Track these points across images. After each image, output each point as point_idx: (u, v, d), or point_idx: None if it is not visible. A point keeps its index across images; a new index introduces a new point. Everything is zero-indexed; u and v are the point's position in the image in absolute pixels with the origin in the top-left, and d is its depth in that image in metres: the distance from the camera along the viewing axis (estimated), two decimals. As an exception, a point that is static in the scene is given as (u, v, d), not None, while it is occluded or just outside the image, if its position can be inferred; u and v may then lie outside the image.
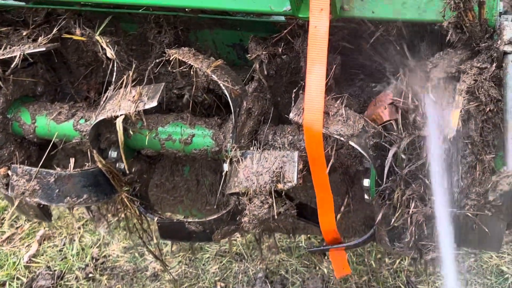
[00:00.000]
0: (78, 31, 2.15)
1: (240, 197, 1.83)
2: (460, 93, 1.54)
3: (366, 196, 1.89)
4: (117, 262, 3.69)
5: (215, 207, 2.86)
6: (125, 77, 2.10)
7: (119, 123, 1.91)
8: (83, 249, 3.82)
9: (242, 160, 1.83)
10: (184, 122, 2.12)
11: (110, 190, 2.14)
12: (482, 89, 1.54)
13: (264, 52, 1.98)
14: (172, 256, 3.54)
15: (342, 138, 1.69)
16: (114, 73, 2.10)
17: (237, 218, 1.99)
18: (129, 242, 3.79)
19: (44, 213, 2.22)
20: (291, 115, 1.75)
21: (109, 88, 2.10)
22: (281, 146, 1.96)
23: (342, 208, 2.05)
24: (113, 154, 2.10)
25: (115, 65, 2.10)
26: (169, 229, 2.08)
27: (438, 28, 1.72)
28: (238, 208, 1.96)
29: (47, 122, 2.23)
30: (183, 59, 1.92)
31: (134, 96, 1.91)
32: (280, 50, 2.01)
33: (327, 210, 1.88)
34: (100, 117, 1.94)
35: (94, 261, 3.73)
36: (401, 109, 1.71)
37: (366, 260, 2.14)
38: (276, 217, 1.78)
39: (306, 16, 1.75)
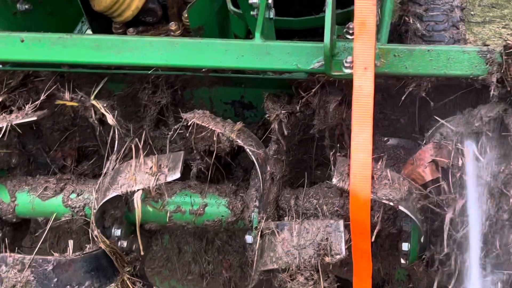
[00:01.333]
0: (67, 96, 1.93)
1: (278, 274, 1.68)
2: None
3: (402, 261, 1.81)
4: None
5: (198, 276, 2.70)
6: (126, 146, 1.90)
7: (137, 200, 1.71)
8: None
9: (278, 232, 1.69)
10: (193, 190, 1.95)
11: (112, 273, 1.91)
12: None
13: (283, 111, 1.88)
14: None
15: (391, 203, 1.61)
16: (116, 141, 1.89)
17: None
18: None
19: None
20: (335, 181, 1.66)
21: (111, 158, 1.89)
22: (305, 212, 1.85)
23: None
24: (116, 232, 1.88)
25: (116, 132, 1.90)
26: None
27: (469, 83, 1.73)
28: (260, 284, 1.82)
29: (30, 199, 1.96)
30: (203, 124, 1.76)
31: (151, 168, 1.73)
32: (298, 108, 1.92)
33: (365, 279, 1.77)
34: (112, 193, 1.72)
35: None
36: (445, 167, 1.67)
37: None
38: (323, 294, 1.65)
39: (339, 74, 1.69)
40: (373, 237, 1.66)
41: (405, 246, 1.76)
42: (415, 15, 2.99)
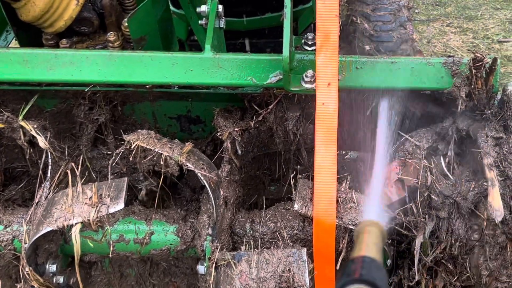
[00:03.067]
0: (-9, 116, 1.71)
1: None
2: (490, 168, 1.45)
3: (370, 285, 1.71)
4: None
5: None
6: (61, 170, 1.71)
7: (75, 235, 1.52)
8: None
9: (235, 264, 1.55)
10: (137, 217, 1.78)
11: (48, 313, 1.70)
12: (506, 163, 1.47)
13: (236, 129, 1.74)
14: None
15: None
16: (49, 167, 1.69)
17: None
18: None
19: None
20: (296, 207, 1.53)
21: (44, 185, 1.69)
22: (263, 237, 1.72)
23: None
24: (51, 268, 1.68)
25: (49, 156, 1.70)
26: None
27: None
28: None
29: (-51, 235, 1.72)
30: (148, 146, 1.59)
31: (91, 198, 1.54)
32: (252, 124, 1.78)
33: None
34: (47, 228, 1.53)
35: None
36: (412, 186, 1.58)
37: None
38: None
39: (298, 90, 1.57)
40: (338, 265, 1.55)
41: None
42: (363, 15, 2.92)
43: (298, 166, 1.98)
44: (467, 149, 1.63)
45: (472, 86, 1.53)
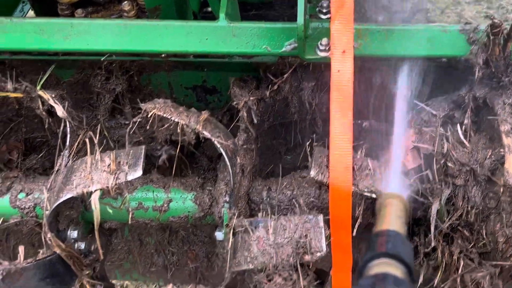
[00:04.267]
0: (9, 85, 1.70)
1: (253, 275, 1.54)
2: (507, 135, 1.42)
3: (384, 251, 1.70)
4: None
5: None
6: (80, 139, 1.70)
7: (95, 201, 1.52)
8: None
9: (252, 230, 1.54)
10: (155, 185, 1.77)
11: (70, 278, 1.72)
12: (524, 128, 1.44)
13: (252, 98, 1.71)
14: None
15: (373, 195, 1.49)
16: (68, 135, 1.68)
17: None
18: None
19: (-18, 320, 1.71)
20: (313, 173, 1.51)
21: (63, 154, 1.68)
22: (279, 204, 1.70)
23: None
24: (73, 234, 1.69)
25: (68, 125, 1.69)
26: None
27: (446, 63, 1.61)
28: (234, 282, 1.67)
29: (-28, 200, 1.74)
30: (164, 115, 1.57)
31: (109, 165, 1.53)
32: (267, 94, 1.75)
33: (344, 272, 1.66)
34: (67, 195, 1.53)
35: None
36: (428, 154, 1.55)
37: None
38: (301, 291, 1.52)
39: (313, 58, 1.53)
40: (355, 231, 1.54)
41: None
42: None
43: (314, 135, 1.95)
44: (483, 117, 1.59)
45: (490, 53, 1.48)
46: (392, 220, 1.31)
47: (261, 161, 2.04)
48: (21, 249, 1.63)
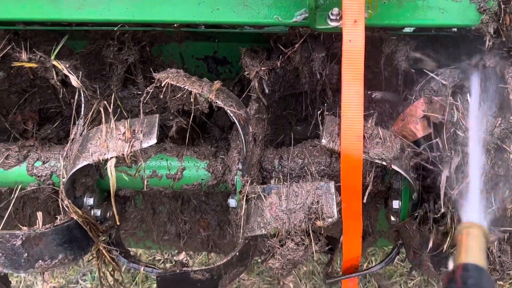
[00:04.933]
0: (24, 56, 1.71)
1: (266, 240, 1.56)
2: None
3: (393, 218, 1.72)
4: (47, 306, 3.18)
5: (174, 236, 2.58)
6: (94, 109, 1.71)
7: (111, 169, 1.53)
8: (0, 296, 3.23)
9: (265, 196, 1.56)
10: (169, 154, 1.79)
11: (86, 243, 1.75)
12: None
13: (263, 68, 1.71)
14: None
15: (384, 163, 1.49)
16: (82, 105, 1.70)
17: (246, 258, 1.73)
18: (58, 281, 3.29)
19: (3, 282, 1.76)
20: (324, 141, 1.52)
21: (78, 123, 1.70)
22: (291, 172, 1.72)
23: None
24: (89, 201, 1.72)
25: (82, 95, 1.70)
26: (170, 282, 1.74)
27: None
28: (247, 248, 1.70)
29: (-10, 169, 1.76)
30: (177, 84, 1.58)
31: (124, 134, 1.55)
32: (278, 64, 1.75)
33: (355, 238, 1.68)
34: (83, 162, 1.54)
35: (18, 309, 3.18)
36: (438, 123, 1.55)
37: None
38: (312, 257, 1.54)
39: (324, 28, 1.52)
40: (365, 198, 1.55)
41: (395, 204, 1.66)
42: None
43: (324, 105, 1.95)
44: (494, 86, 1.58)
45: (500, 22, 1.47)
46: (471, 252, 1.22)
47: (272, 131, 2.04)
48: (39, 215, 1.66)
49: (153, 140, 1.54)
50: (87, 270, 3.29)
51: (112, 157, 1.53)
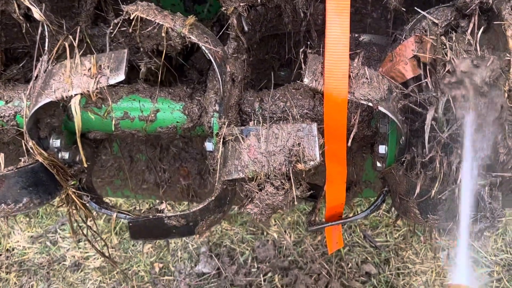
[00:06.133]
0: (-18, -14, 1.53)
1: (244, 184, 1.44)
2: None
3: (378, 164, 1.61)
4: (25, 255, 3.08)
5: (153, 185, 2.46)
6: (60, 44, 1.55)
7: (75, 105, 1.39)
8: (-24, 245, 3.13)
9: (243, 138, 1.43)
10: (141, 95, 1.65)
11: (54, 187, 1.63)
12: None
13: (242, 4, 1.55)
14: (93, 240, 3.00)
15: (370, 104, 1.37)
16: (47, 40, 1.54)
17: (224, 204, 1.62)
18: (35, 230, 3.18)
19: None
20: (306, 81, 1.38)
21: (42, 59, 1.54)
22: (272, 116, 1.59)
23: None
24: (55, 142, 1.58)
25: (46, 29, 1.54)
26: (143, 228, 1.62)
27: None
28: (225, 193, 1.59)
29: (-50, 108, 1.61)
30: (148, 17, 1.42)
31: (90, 69, 1.40)
32: (259, 1, 1.59)
33: (338, 184, 1.57)
34: (45, 100, 1.40)
35: (-5, 257, 3.07)
36: (427, 64, 1.41)
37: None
38: (293, 202, 1.43)
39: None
40: (350, 142, 1.43)
41: (381, 149, 1.54)
42: None
43: (308, 48, 1.81)
44: (489, 25, 1.45)
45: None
46: None
47: (254, 76, 1.91)
48: (1, 156, 1.52)
49: (121, 76, 1.39)
50: (65, 219, 3.19)
51: (76, 94, 1.39)
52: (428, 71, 1.43)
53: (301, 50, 1.49)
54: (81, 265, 2.96)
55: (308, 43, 1.83)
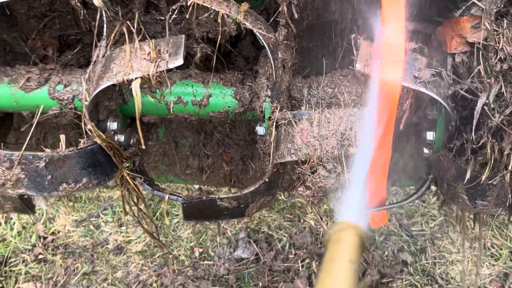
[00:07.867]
0: (41, -26, 1.59)
1: (296, 166, 1.47)
2: None
3: (426, 150, 1.61)
4: (70, 238, 3.17)
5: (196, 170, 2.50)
6: (117, 30, 1.60)
7: (136, 88, 1.44)
8: (24, 228, 3.24)
9: (296, 122, 1.46)
10: (194, 80, 1.69)
11: (110, 169, 1.68)
12: None
13: (292, -9, 1.57)
14: (135, 225, 3.09)
15: (421, 89, 1.37)
16: (105, 26, 1.58)
17: (273, 187, 1.65)
18: (79, 214, 3.26)
19: (26, 205, 1.70)
20: (358, 66, 1.40)
21: (100, 44, 1.59)
22: (322, 101, 1.61)
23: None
24: (112, 125, 1.63)
25: (104, 15, 1.58)
26: (196, 209, 1.67)
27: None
28: (276, 176, 1.62)
29: (11, 91, 1.68)
30: (204, 4, 1.46)
31: (149, 54, 1.44)
32: (308, -13, 1.61)
33: (382, 168, 1.58)
34: (107, 83, 1.45)
35: (41, 240, 3.16)
36: (477, 45, 1.41)
37: None
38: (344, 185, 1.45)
39: None
40: (401, 126, 1.44)
41: (429, 135, 1.55)
42: None
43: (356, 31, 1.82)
44: None
45: None
46: (339, 269, 0.99)
47: (299, 64, 1.93)
48: (62, 137, 1.58)
49: (180, 61, 1.43)
50: (107, 204, 3.27)
51: (137, 78, 1.43)
52: (480, 56, 1.43)
53: (352, 36, 1.51)
54: (123, 248, 3.04)
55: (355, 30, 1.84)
